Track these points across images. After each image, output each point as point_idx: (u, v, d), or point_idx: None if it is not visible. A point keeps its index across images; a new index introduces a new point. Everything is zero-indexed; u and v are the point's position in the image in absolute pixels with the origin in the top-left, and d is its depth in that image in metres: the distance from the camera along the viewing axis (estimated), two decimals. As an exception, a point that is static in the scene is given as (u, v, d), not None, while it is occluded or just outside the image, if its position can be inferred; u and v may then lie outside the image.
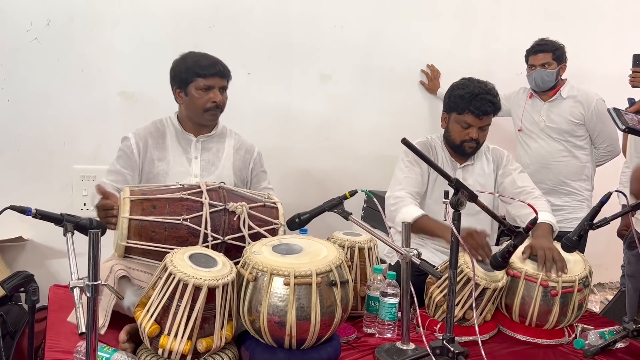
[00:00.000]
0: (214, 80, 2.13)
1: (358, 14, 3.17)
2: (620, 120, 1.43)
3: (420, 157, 1.63)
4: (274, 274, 1.51)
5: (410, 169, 2.31)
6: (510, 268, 1.96)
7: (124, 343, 1.59)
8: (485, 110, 2.20)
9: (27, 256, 2.69)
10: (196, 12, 2.86)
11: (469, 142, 2.26)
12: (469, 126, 2.23)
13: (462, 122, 2.24)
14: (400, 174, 2.32)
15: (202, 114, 2.16)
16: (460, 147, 2.29)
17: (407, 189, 2.26)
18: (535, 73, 2.84)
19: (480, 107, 2.18)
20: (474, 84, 2.23)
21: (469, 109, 2.20)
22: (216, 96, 2.13)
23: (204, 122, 2.20)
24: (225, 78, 2.17)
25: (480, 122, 2.23)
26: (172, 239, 1.70)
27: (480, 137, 2.27)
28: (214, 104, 2.13)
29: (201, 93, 2.13)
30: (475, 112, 2.19)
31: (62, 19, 2.64)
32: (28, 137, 2.66)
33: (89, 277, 1.21)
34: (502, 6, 3.45)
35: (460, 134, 2.26)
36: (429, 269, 1.68)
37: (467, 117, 2.22)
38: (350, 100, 3.22)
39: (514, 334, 1.96)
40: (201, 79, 2.12)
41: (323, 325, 1.53)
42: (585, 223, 1.84)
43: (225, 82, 2.18)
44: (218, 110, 2.17)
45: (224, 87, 2.17)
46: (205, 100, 2.13)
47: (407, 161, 2.33)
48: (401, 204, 2.20)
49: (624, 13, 3.61)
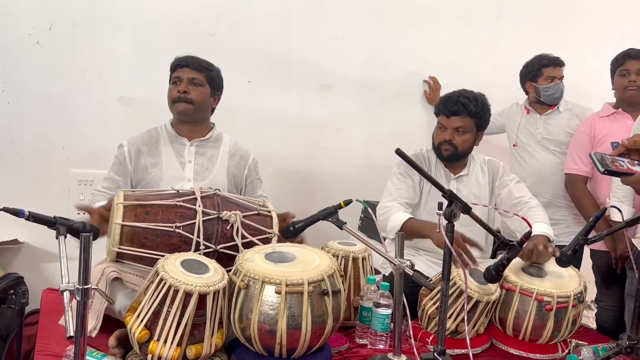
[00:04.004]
0: (182, 72, 2.16)
1: (359, 25, 3.19)
2: (601, 164, 1.49)
3: (414, 168, 1.63)
4: (265, 282, 1.51)
5: (401, 180, 2.34)
6: (505, 281, 1.96)
7: (114, 348, 1.59)
8: (453, 109, 2.25)
9: (22, 259, 2.68)
10: (198, 20, 2.88)
11: (444, 144, 2.30)
12: (443, 127, 2.30)
13: (438, 124, 2.34)
14: (392, 186, 2.35)
15: (172, 106, 2.18)
16: (438, 149, 2.34)
17: (397, 200, 2.29)
18: (557, 85, 2.83)
19: (448, 107, 2.27)
20: (456, 90, 2.31)
21: (440, 110, 2.31)
22: (180, 87, 2.14)
23: (177, 116, 2.20)
24: (197, 70, 2.16)
25: (450, 122, 2.27)
26: (164, 246, 1.70)
27: (457, 141, 2.28)
28: (178, 95, 2.14)
29: (172, 86, 2.18)
30: (444, 112, 2.28)
31: (64, 23, 2.66)
32: (27, 140, 2.67)
33: (80, 280, 1.21)
34: (503, 19, 3.47)
35: (437, 137, 2.34)
36: (422, 281, 1.68)
37: (440, 119, 2.32)
38: (349, 110, 3.23)
39: (507, 347, 1.95)
40: (173, 72, 2.19)
41: (314, 334, 1.52)
42: (580, 238, 1.83)
43: (196, 74, 2.16)
44: (188, 104, 2.15)
45: (193, 79, 2.15)
46: (173, 92, 2.16)
47: (398, 173, 2.36)
48: (389, 212, 2.22)
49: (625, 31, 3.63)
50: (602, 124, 2.64)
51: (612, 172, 1.51)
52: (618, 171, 1.51)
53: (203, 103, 2.19)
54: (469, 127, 2.28)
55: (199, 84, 2.17)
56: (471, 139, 2.31)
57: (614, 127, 2.60)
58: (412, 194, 2.33)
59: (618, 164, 1.52)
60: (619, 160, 1.54)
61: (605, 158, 1.51)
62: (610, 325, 2.54)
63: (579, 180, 2.66)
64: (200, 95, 2.17)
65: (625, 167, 1.53)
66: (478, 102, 2.28)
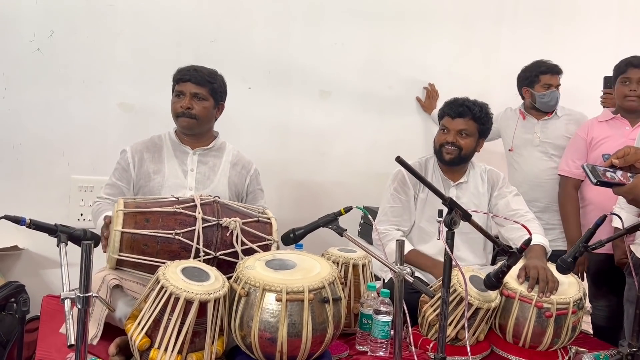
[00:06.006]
0: (184, 86, 2.15)
1: (358, 32, 3.20)
2: (593, 175, 1.52)
3: (415, 176, 1.63)
4: (266, 290, 1.51)
5: (395, 197, 2.36)
6: (505, 288, 1.96)
7: (114, 356, 1.59)
8: (458, 111, 2.28)
9: (22, 266, 2.68)
10: (198, 26, 2.89)
11: (446, 145, 2.30)
12: (446, 129, 2.32)
13: (441, 126, 2.35)
14: (386, 204, 2.38)
15: (176, 120, 2.17)
16: (439, 152, 2.34)
17: (391, 220, 2.34)
18: (552, 93, 2.84)
19: (453, 109, 2.29)
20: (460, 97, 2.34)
21: (445, 111, 2.33)
22: (184, 102, 2.13)
23: (181, 130, 2.20)
24: (200, 85, 2.15)
25: (454, 124, 2.29)
26: (164, 253, 1.70)
27: (461, 144, 2.29)
28: (181, 110, 2.13)
29: (175, 99, 2.17)
30: (449, 113, 2.30)
31: (65, 30, 2.67)
32: (27, 147, 2.67)
33: (81, 288, 1.21)
34: (502, 27, 3.48)
35: (440, 138, 2.34)
36: (422, 288, 1.68)
37: (444, 121, 2.33)
38: (348, 116, 3.24)
39: (507, 354, 1.94)
40: (176, 85, 2.18)
41: (314, 342, 1.52)
42: (580, 245, 1.83)
43: (199, 89, 2.14)
44: (192, 119, 2.14)
45: (196, 93, 2.14)
46: (176, 106, 2.16)
47: (392, 189, 2.38)
48: (386, 239, 2.27)
49: (624, 37, 3.65)
50: (600, 128, 2.65)
51: (604, 184, 1.54)
52: (610, 182, 1.54)
53: (206, 117, 2.18)
54: (472, 131, 2.30)
55: (202, 98, 2.15)
56: (473, 144, 2.32)
57: (611, 132, 2.60)
58: (407, 210, 2.35)
59: (609, 176, 1.54)
60: (610, 171, 1.56)
61: (597, 169, 1.53)
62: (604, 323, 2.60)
63: (569, 183, 2.68)
64: (204, 110, 2.16)
65: (617, 178, 1.55)
66: (482, 108, 2.31)
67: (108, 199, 2.12)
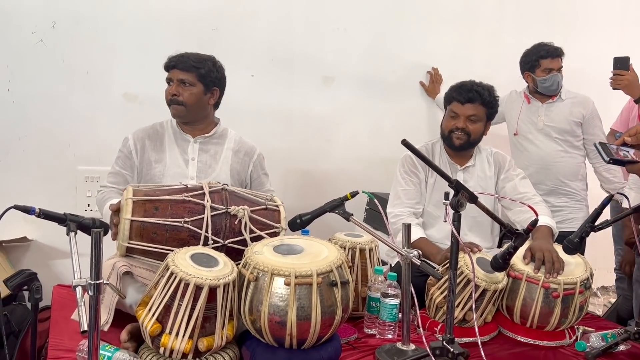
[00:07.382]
0: (172, 73, 2.16)
1: (361, 17, 3.18)
2: (605, 153, 1.53)
3: (420, 158, 1.63)
4: (274, 274, 1.52)
5: (406, 180, 2.35)
6: (512, 270, 1.97)
7: (126, 342, 1.60)
8: (468, 96, 2.25)
9: (31, 256, 2.70)
10: (200, 15, 2.88)
11: (456, 131, 2.29)
12: (455, 115, 2.29)
13: (450, 112, 2.32)
14: (399, 187, 2.36)
15: (169, 107, 2.17)
16: (449, 138, 2.32)
17: (405, 202, 2.32)
18: (553, 77, 2.82)
19: (462, 94, 2.26)
20: (467, 81, 2.32)
21: (454, 97, 2.30)
22: (171, 89, 2.14)
23: (173, 116, 2.19)
24: (185, 70, 2.12)
25: (463, 110, 2.27)
26: (173, 241, 1.72)
27: (470, 129, 2.28)
28: (170, 97, 2.14)
29: (167, 87, 2.17)
30: (458, 99, 2.28)
31: (67, 21, 2.66)
32: (33, 138, 2.68)
33: (91, 276, 1.22)
34: (505, 10, 3.46)
35: (448, 124, 2.32)
36: (430, 270, 1.69)
37: (453, 106, 2.30)
38: (352, 102, 3.23)
39: (514, 335, 1.96)
40: (167, 73, 2.18)
41: (323, 325, 1.54)
42: (587, 225, 1.84)
43: (185, 75, 2.12)
44: (179, 106, 2.13)
45: (182, 80, 2.12)
46: (166, 93, 2.16)
47: (403, 172, 2.37)
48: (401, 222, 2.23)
49: (627, 18, 3.61)
50: None
51: (617, 161, 1.54)
52: (622, 160, 1.55)
53: (195, 103, 2.15)
54: (481, 116, 2.29)
55: (189, 84, 2.13)
56: (482, 128, 2.31)
57: None
58: (419, 192, 2.35)
59: (622, 153, 1.55)
60: (623, 149, 1.57)
61: (609, 147, 1.54)
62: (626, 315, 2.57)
63: None
64: (191, 96, 2.13)
65: (630, 156, 1.56)
66: (491, 92, 2.30)
67: (112, 187, 2.13)
